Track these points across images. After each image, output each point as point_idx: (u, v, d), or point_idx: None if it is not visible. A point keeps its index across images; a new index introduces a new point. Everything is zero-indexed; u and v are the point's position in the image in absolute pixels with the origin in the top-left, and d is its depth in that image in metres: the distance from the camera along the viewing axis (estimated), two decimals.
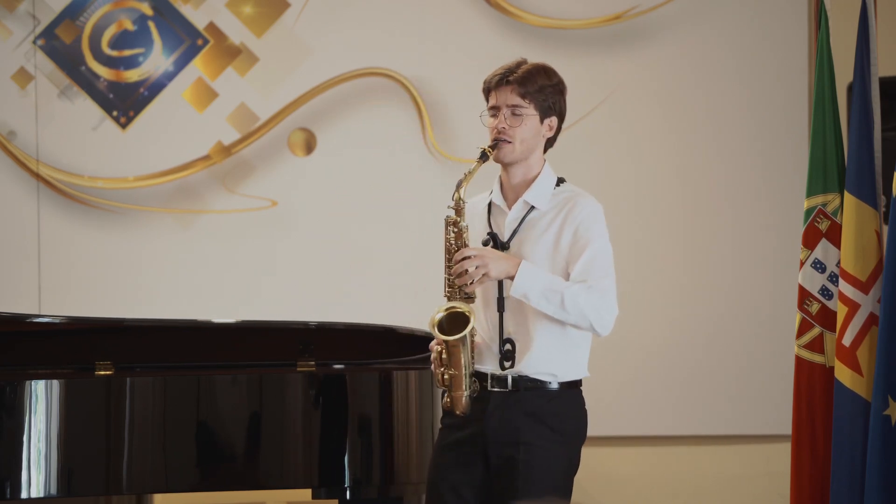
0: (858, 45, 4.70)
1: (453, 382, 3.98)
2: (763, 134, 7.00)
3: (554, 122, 4.11)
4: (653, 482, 7.04)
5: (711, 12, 7.03)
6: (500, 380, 4.01)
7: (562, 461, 4.03)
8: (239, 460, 4.95)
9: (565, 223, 4.05)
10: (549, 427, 4.00)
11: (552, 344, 4.02)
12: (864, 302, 4.61)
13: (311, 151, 7.19)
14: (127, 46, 7.20)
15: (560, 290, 3.96)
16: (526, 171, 4.10)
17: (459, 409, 3.99)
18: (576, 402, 4.10)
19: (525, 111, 4.04)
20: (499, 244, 4.05)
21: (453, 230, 4.01)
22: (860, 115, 4.67)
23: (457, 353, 3.95)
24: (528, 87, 4.05)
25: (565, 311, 3.97)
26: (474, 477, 4.03)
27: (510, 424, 3.99)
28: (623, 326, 6.93)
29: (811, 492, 4.75)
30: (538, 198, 4.08)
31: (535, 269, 3.97)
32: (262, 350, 5.25)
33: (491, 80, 4.09)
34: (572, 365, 4.07)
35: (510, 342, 4.01)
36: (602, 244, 4.09)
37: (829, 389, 4.69)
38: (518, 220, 4.07)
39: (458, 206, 4.02)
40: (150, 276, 7.12)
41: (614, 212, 7.02)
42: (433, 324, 3.95)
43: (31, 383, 4.72)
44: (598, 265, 4.06)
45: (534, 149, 4.09)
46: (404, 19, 7.12)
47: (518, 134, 4.05)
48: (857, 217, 4.64)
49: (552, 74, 4.13)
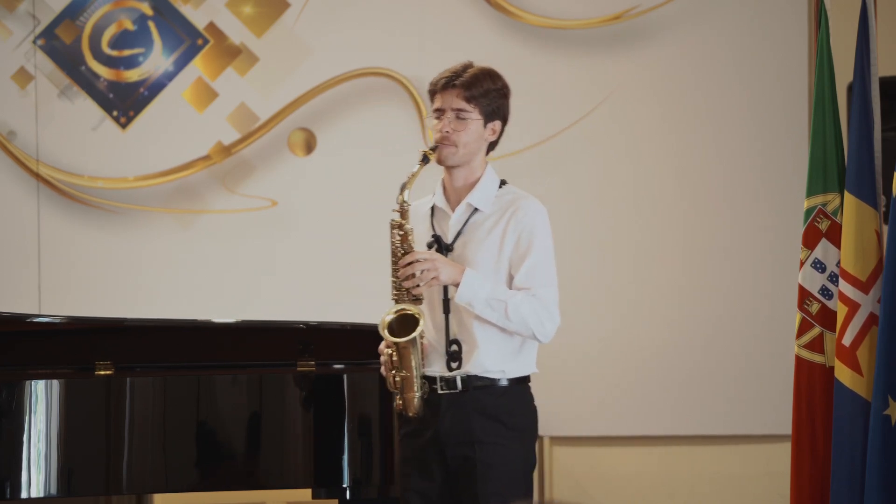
0: (858, 45, 4.70)
1: (405, 384, 4.03)
2: (763, 134, 6.99)
3: (497, 125, 4.15)
4: (652, 482, 7.04)
5: (711, 12, 7.03)
6: (448, 381, 4.05)
7: (519, 457, 4.08)
8: (239, 460, 4.95)
9: (509, 226, 4.09)
10: (503, 424, 4.04)
11: (499, 342, 4.07)
12: (864, 302, 4.61)
13: (311, 151, 7.19)
14: (127, 46, 7.20)
15: (504, 298, 4.00)
16: (468, 174, 4.14)
17: (412, 411, 4.03)
18: (526, 398, 4.13)
19: (469, 115, 4.09)
20: (443, 246, 4.09)
21: (398, 233, 4.07)
22: (860, 115, 4.67)
23: (407, 355, 4.00)
24: (473, 91, 4.09)
25: (508, 319, 4.01)
26: (437, 482, 4.06)
27: (463, 424, 4.03)
28: (623, 326, 7.01)
29: (811, 492, 4.75)
30: (481, 200, 4.12)
31: (479, 277, 4.02)
32: (262, 350, 5.25)
33: (437, 82, 4.13)
34: (520, 362, 4.11)
35: (457, 343, 4.05)
36: (545, 249, 4.10)
37: (829, 389, 4.69)
38: (461, 222, 4.12)
39: (403, 208, 4.07)
40: (150, 276, 7.11)
41: (613, 212, 7.09)
42: (383, 326, 3.99)
43: (31, 383, 4.72)
44: (540, 272, 4.07)
45: (476, 152, 4.13)
46: (404, 19, 7.12)
47: (461, 138, 4.09)
48: (857, 217, 4.64)
49: (497, 78, 4.17)
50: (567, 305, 6.98)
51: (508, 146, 7.03)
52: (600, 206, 7.06)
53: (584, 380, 6.96)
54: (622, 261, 7.03)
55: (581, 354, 6.94)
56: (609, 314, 7.02)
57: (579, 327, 6.91)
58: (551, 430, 6.91)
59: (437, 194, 4.17)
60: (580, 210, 7.03)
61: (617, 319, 7.01)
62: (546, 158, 7.06)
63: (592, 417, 6.96)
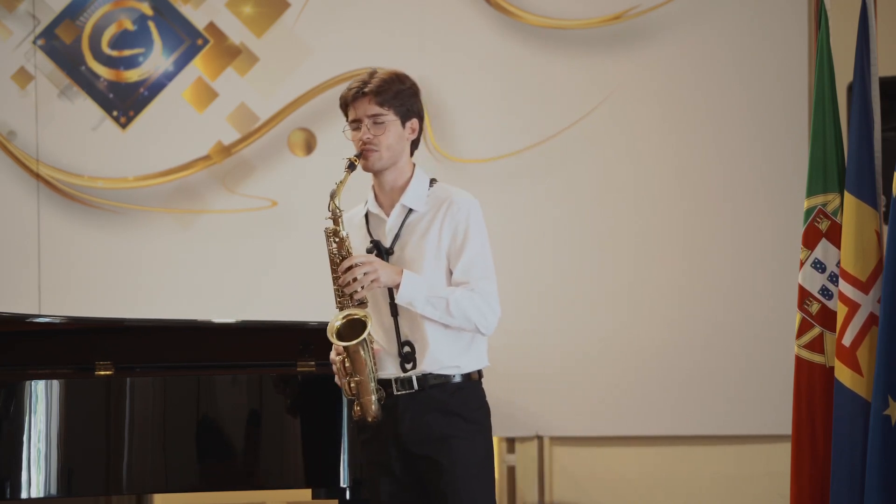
0: (858, 45, 4.70)
1: (360, 389, 4.04)
2: (763, 134, 6.99)
3: (415, 123, 4.19)
4: (652, 482, 7.04)
5: (711, 12, 7.03)
6: (404, 381, 4.07)
7: (480, 450, 4.10)
8: (239, 460, 4.95)
9: (444, 222, 4.12)
10: (462, 418, 4.06)
11: (450, 339, 4.09)
12: (864, 302, 4.61)
13: (311, 151, 7.19)
14: (127, 46, 7.20)
15: (444, 295, 4.04)
16: (397, 177, 4.18)
17: (370, 416, 4.05)
18: (479, 393, 4.16)
19: (386, 118, 4.13)
20: (382, 251, 4.12)
21: (335, 240, 4.14)
22: (860, 115, 4.67)
23: (359, 359, 4.02)
24: (384, 96, 4.12)
25: (451, 315, 4.05)
26: (403, 483, 4.09)
27: (423, 422, 4.05)
28: (623, 326, 7.01)
29: (811, 492, 4.75)
30: (414, 200, 4.16)
31: (417, 277, 4.06)
32: (262, 350, 5.25)
33: (347, 95, 4.18)
34: (473, 356, 4.14)
35: (409, 344, 4.07)
36: (480, 242, 4.13)
37: (829, 389, 4.69)
38: (398, 225, 4.16)
39: (336, 215, 4.15)
40: (150, 276, 7.12)
41: (613, 212, 7.09)
42: (332, 332, 4.02)
43: (31, 383, 4.72)
44: (477, 265, 4.10)
45: (401, 153, 4.17)
46: (404, 19, 7.13)
47: (383, 141, 4.13)
48: (857, 217, 4.64)
49: (405, 79, 4.22)
50: (567, 305, 7.04)
51: (509, 146, 7.09)
52: (600, 206, 7.06)
53: (584, 380, 6.96)
54: (622, 261, 7.03)
55: (581, 354, 6.95)
56: (609, 314, 7.02)
57: (579, 327, 6.91)
58: (551, 430, 6.92)
59: (370, 201, 4.23)
60: (580, 210, 7.03)
61: (617, 319, 7.01)
62: (546, 158, 7.06)
63: (592, 417, 6.96)
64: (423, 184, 4.18)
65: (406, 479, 4.09)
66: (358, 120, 4.14)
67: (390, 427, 4.07)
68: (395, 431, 4.07)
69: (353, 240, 4.17)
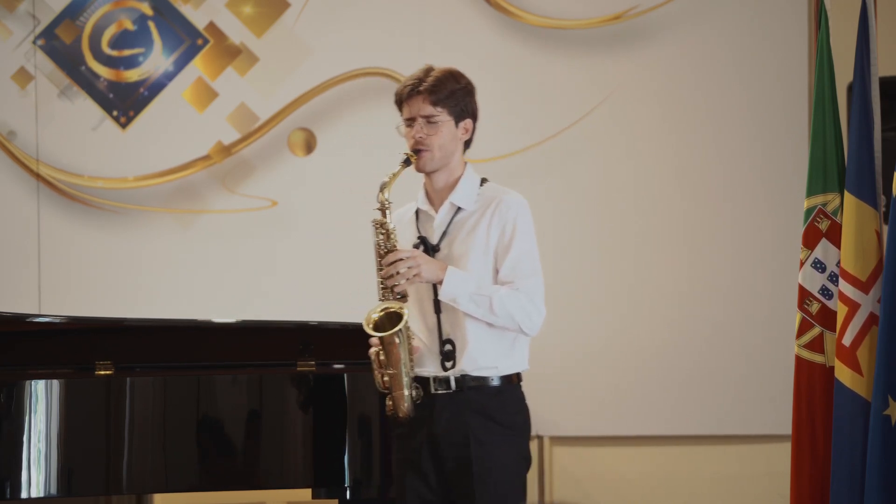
0: (858, 45, 4.70)
1: (393, 383, 4.03)
2: (763, 134, 6.99)
3: (469, 123, 4.18)
4: (652, 482, 7.04)
5: (711, 12, 7.03)
6: (442, 381, 4.06)
7: (514, 456, 4.09)
8: (239, 460, 4.95)
9: (492, 221, 4.11)
10: (498, 423, 4.05)
11: (491, 339, 4.08)
12: (864, 302, 4.61)
13: (311, 151, 7.19)
14: (127, 46, 7.20)
15: (488, 294, 4.03)
16: (448, 175, 4.17)
17: (402, 412, 4.03)
18: (518, 396, 4.15)
19: (439, 118, 4.11)
20: (429, 247, 4.11)
21: (381, 232, 4.10)
22: (860, 115, 4.67)
23: (394, 351, 4.00)
24: (438, 95, 4.11)
25: (494, 314, 4.03)
26: (432, 483, 4.07)
27: (459, 424, 4.04)
28: (623, 326, 7.01)
29: (811, 492, 4.75)
30: (464, 198, 4.15)
31: (462, 273, 4.04)
32: (262, 350, 5.25)
33: (402, 91, 4.16)
34: (513, 359, 4.13)
35: (450, 342, 4.05)
36: (527, 242, 4.12)
37: (829, 389, 4.69)
38: (446, 222, 4.15)
39: (384, 206, 4.11)
40: (150, 276, 7.12)
41: (613, 212, 7.08)
42: (368, 323, 4.00)
43: (31, 383, 4.72)
44: (524, 265, 4.09)
45: (453, 153, 4.16)
46: (404, 19, 7.12)
47: (435, 142, 4.12)
48: (857, 217, 4.64)
49: (460, 77, 4.20)
50: (567, 305, 7.03)
51: (509, 146, 7.09)
52: (600, 205, 7.06)
53: (584, 380, 6.96)
54: (622, 261, 7.03)
55: (581, 354, 6.94)
56: (609, 314, 7.02)
57: (579, 327, 6.91)
58: (551, 430, 6.92)
59: (420, 198, 4.22)
60: (580, 210, 7.03)
61: (617, 319, 7.01)
62: (546, 158, 7.06)
63: (592, 417, 6.96)
64: (473, 183, 4.17)
65: (435, 478, 4.06)
66: (412, 118, 4.12)
67: (426, 425, 4.05)
68: (430, 430, 4.05)
69: (401, 236, 4.14)
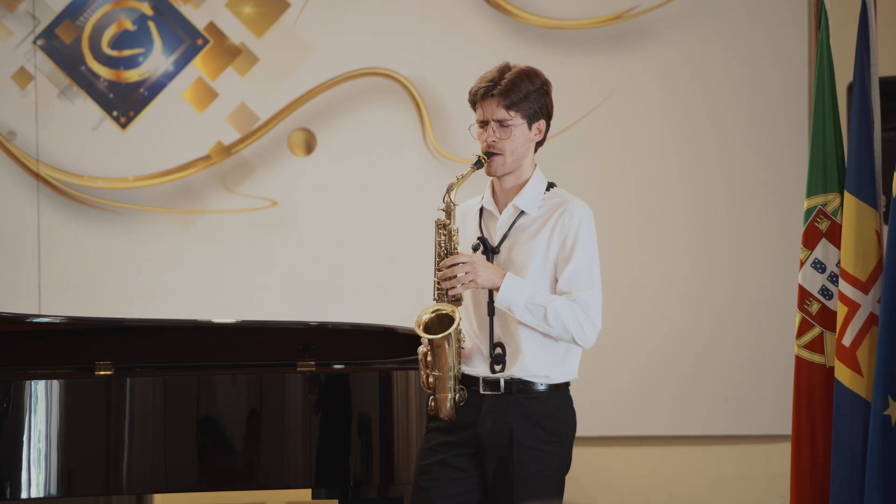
0: (858, 45, 4.70)
1: (438, 385, 4.00)
2: (763, 134, 7.00)
3: (542, 124, 4.12)
4: (652, 482, 7.04)
5: (711, 12, 7.03)
6: (491, 383, 4.02)
7: (555, 462, 4.06)
8: (239, 460, 4.95)
9: (555, 229, 4.05)
10: (544, 429, 4.02)
11: (543, 347, 4.04)
12: (864, 302, 4.61)
13: (311, 151, 7.19)
14: (127, 46, 7.20)
15: (543, 304, 3.98)
16: (517, 177, 4.11)
17: (444, 414, 4.00)
18: (566, 403, 4.13)
19: (512, 122, 4.05)
20: (489, 248, 4.06)
21: (443, 233, 4.03)
22: (860, 115, 4.67)
23: (442, 355, 3.98)
24: (513, 98, 4.05)
25: (548, 325, 3.99)
26: (465, 480, 4.03)
27: (504, 427, 4.00)
28: (623, 326, 7.01)
29: (811, 492, 4.75)
30: (528, 203, 4.09)
31: (520, 281, 3.99)
32: (262, 350, 5.25)
33: (476, 92, 4.09)
34: (564, 367, 4.09)
35: (500, 346, 4.02)
36: (588, 253, 4.06)
37: (829, 389, 4.69)
38: (508, 224, 4.08)
39: (449, 208, 4.04)
40: (150, 276, 7.12)
41: (613, 212, 7.08)
42: (419, 324, 3.98)
43: (31, 383, 4.72)
44: (582, 276, 4.04)
45: (525, 155, 4.10)
46: (404, 19, 7.13)
47: (507, 146, 4.05)
48: (857, 217, 4.64)
49: (535, 77, 4.13)
50: None
51: None
52: (600, 206, 6.99)
53: (583, 380, 6.93)
54: (622, 261, 7.03)
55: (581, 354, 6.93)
56: (609, 314, 6.95)
57: None
58: None
59: (486, 196, 4.15)
60: None
61: (617, 319, 7.00)
62: (546, 158, 7.04)
63: (592, 417, 6.95)
64: (539, 187, 4.11)
65: (466, 471, 4.02)
66: (485, 121, 4.06)
67: (471, 423, 4.01)
68: (475, 430, 4.01)
69: (463, 229, 4.09)
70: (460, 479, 4.03)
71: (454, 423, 4.03)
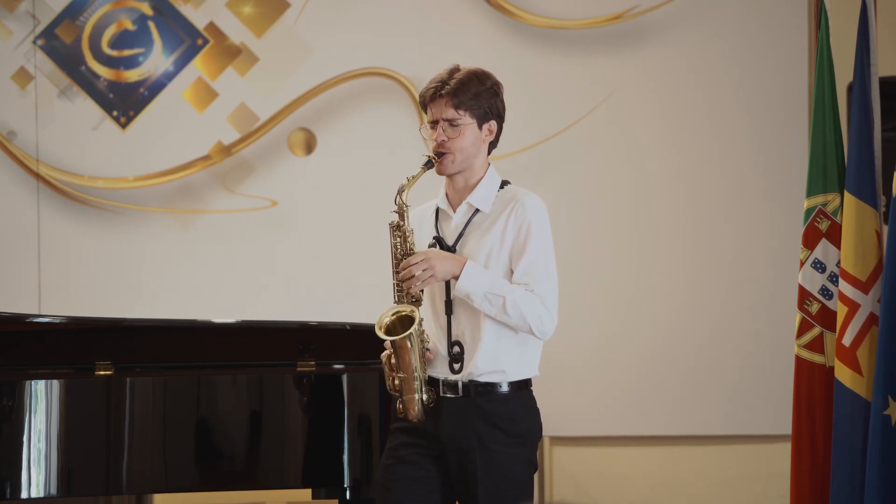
0: (858, 45, 4.70)
1: (404, 386, 4.00)
2: (763, 134, 7.00)
3: (493, 125, 4.13)
4: (653, 482, 7.04)
5: (711, 12, 7.03)
6: (451, 385, 4.03)
7: (519, 464, 4.05)
8: (239, 460, 4.95)
9: (508, 221, 4.07)
10: (504, 431, 4.02)
11: (501, 343, 4.04)
12: (864, 302, 4.61)
13: (311, 151, 7.19)
14: (127, 46, 7.20)
15: (503, 293, 3.99)
16: (469, 176, 4.12)
17: (412, 416, 4.01)
18: (528, 403, 4.11)
19: (462, 122, 4.06)
20: (444, 247, 4.08)
21: (398, 234, 4.05)
22: (860, 115, 4.67)
23: (405, 355, 3.98)
24: (461, 98, 4.06)
25: (507, 314, 3.99)
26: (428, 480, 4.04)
27: (465, 430, 4.01)
28: (623, 327, 7.01)
29: (811, 492, 4.75)
30: (482, 200, 4.10)
31: (480, 269, 4.01)
32: (262, 350, 5.25)
33: (425, 93, 4.11)
34: (522, 363, 4.08)
35: (458, 344, 4.03)
36: (543, 245, 4.07)
37: (829, 389, 4.69)
38: (463, 223, 4.10)
39: (401, 210, 4.06)
40: (150, 276, 7.12)
41: (613, 212, 7.08)
42: (380, 326, 3.98)
43: (31, 383, 4.72)
44: (538, 269, 4.04)
45: (475, 155, 4.11)
46: (404, 20, 7.13)
47: (457, 145, 4.06)
48: (857, 217, 4.64)
49: (485, 78, 4.14)
50: (567, 306, 6.98)
51: (508, 146, 7.07)
52: (600, 206, 7.06)
53: (584, 380, 6.96)
54: (622, 261, 7.04)
55: (581, 354, 6.94)
56: (609, 314, 7.02)
57: (579, 327, 6.91)
58: (551, 430, 6.90)
59: (440, 197, 4.17)
60: (580, 210, 7.03)
61: (617, 319, 7.01)
62: (546, 158, 7.06)
63: (592, 417, 6.96)
64: (493, 185, 4.12)
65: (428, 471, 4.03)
66: (435, 121, 4.08)
67: (431, 426, 4.02)
68: (435, 431, 4.03)
69: (420, 232, 4.10)
70: (423, 479, 4.04)
71: (416, 425, 4.04)
